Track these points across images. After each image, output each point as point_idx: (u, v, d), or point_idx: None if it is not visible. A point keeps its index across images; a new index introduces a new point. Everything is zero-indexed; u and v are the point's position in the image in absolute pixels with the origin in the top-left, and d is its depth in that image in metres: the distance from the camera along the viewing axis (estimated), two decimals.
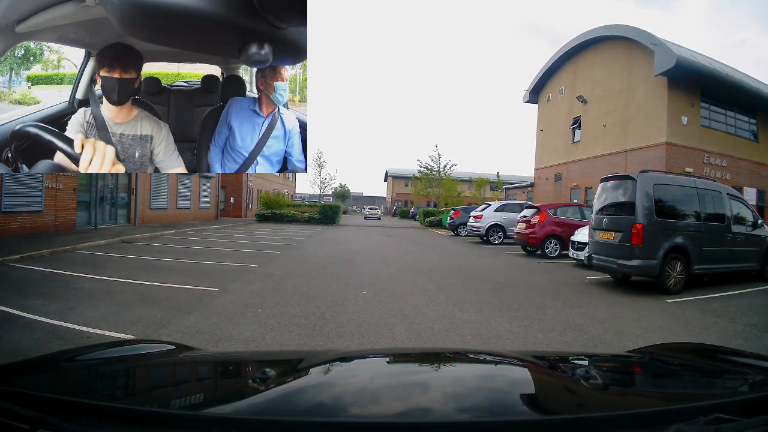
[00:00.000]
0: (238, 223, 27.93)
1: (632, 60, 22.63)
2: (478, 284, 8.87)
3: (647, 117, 21.43)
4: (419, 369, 1.69)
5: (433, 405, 1.21)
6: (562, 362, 1.80)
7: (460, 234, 23.98)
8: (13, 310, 5.44)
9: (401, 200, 74.23)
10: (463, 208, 25.49)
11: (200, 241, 15.56)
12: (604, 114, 24.48)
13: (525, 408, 1.23)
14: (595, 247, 9.10)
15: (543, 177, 31.33)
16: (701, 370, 1.68)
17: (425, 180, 40.92)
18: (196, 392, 1.41)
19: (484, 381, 1.46)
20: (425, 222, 34.89)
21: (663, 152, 20.30)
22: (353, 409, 1.15)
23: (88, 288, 7.03)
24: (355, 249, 15.59)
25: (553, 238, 14.21)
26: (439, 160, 40.07)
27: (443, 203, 39.78)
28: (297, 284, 8.11)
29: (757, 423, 1.01)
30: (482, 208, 20.40)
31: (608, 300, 7.64)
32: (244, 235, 19.81)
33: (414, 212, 51.45)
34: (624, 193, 8.54)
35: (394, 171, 79.66)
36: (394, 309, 6.44)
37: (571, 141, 27.88)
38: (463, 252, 15.93)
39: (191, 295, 6.77)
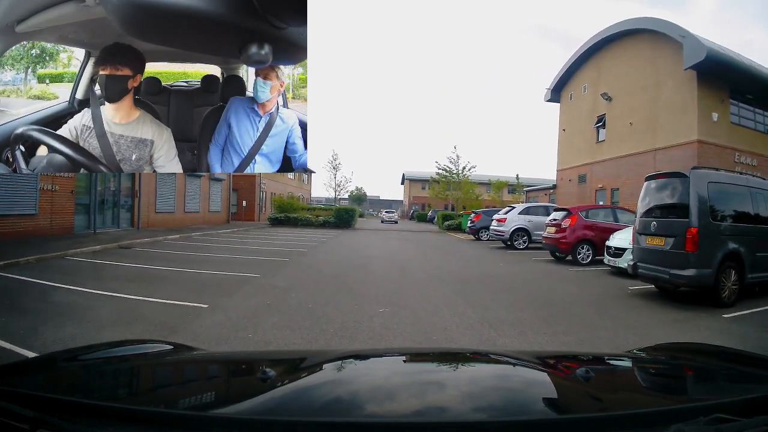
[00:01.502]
0: (250, 227, 27.48)
1: (658, 54, 21.96)
2: (511, 297, 7.96)
3: (676, 114, 20.74)
4: (433, 368, 1.70)
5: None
6: (562, 362, 1.78)
7: (481, 238, 23.30)
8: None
9: (418, 203, 73.88)
10: (484, 211, 24.84)
11: (203, 247, 14.88)
12: (630, 111, 23.76)
13: (527, 408, 1.23)
14: (641, 255, 8.20)
15: (566, 178, 30.66)
16: (701, 370, 1.70)
17: (443, 182, 40.24)
18: (197, 392, 1.41)
19: (482, 380, 1.49)
20: (444, 226, 34.41)
21: (694, 151, 19.54)
22: (355, 409, 1.16)
23: (63, 302, 6.44)
24: (370, 255, 14.91)
25: (585, 243, 13.22)
26: (457, 161, 39.55)
27: (461, 206, 39.26)
28: (302, 299, 7.23)
29: (757, 423, 1.01)
30: (505, 211, 19.60)
31: (662, 317, 6.78)
32: (253, 240, 19.17)
33: (432, 215, 51.26)
34: (673, 193, 7.75)
35: (411, 174, 79.13)
36: (419, 334, 5.55)
37: (596, 140, 27.18)
38: (487, 258, 15.11)
39: (175, 314, 6.02)
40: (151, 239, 15.69)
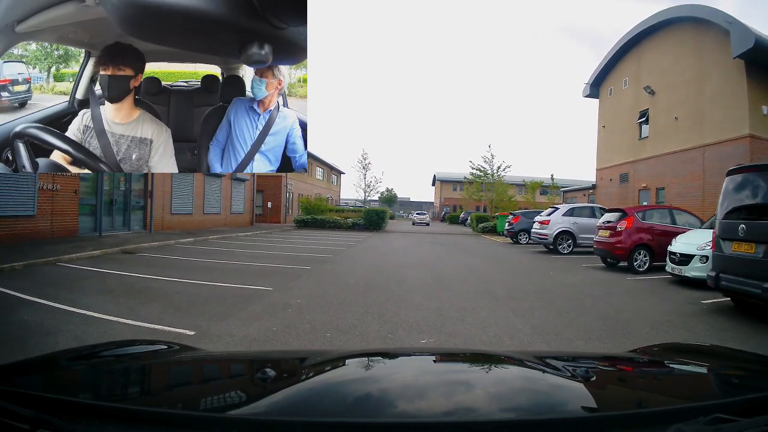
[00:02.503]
0: (274, 230, 26.89)
1: (703, 43, 21.06)
2: (582, 319, 6.65)
3: (725, 107, 19.74)
4: (436, 369, 1.71)
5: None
6: (562, 362, 1.74)
7: (520, 241, 22.57)
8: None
9: (449, 205, 73.79)
10: (523, 213, 23.94)
11: (217, 253, 13.91)
12: (674, 105, 22.81)
13: (528, 408, 1.22)
14: (724, 264, 7.04)
15: (606, 178, 29.78)
16: (701, 371, 1.71)
17: (477, 183, 39.64)
18: (198, 392, 1.43)
19: (480, 380, 1.51)
20: (478, 228, 33.86)
21: (746, 146, 18.56)
22: (355, 410, 1.15)
23: (25, 323, 5.54)
24: (404, 262, 13.71)
25: (642, 247, 12.02)
26: (492, 161, 38.81)
27: (493, 208, 38.83)
28: (319, 323, 5.88)
29: (757, 423, 1.02)
30: (548, 213, 18.63)
31: (758, 340, 5.76)
32: (276, 244, 18.28)
33: (464, 217, 51.12)
34: (761, 191, 6.69)
35: (443, 175, 79.23)
36: None
37: (638, 137, 26.23)
38: (533, 266, 13.84)
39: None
40: (161, 243, 15.01)
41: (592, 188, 32.78)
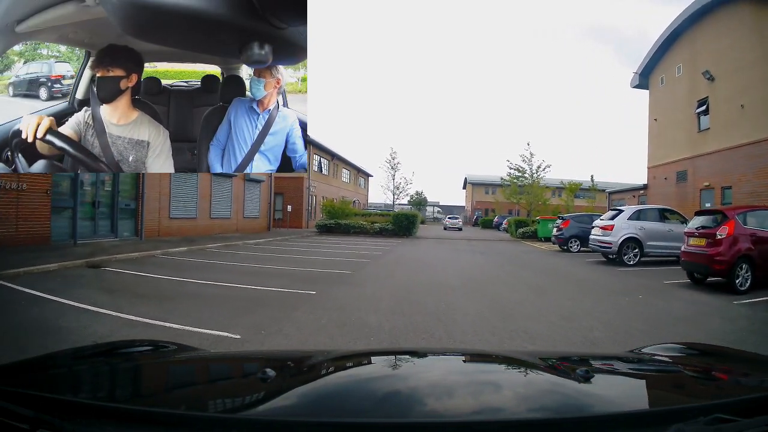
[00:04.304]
0: (293, 236, 25.49)
1: (764, 20, 19.77)
2: None
3: None
4: (439, 369, 1.74)
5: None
6: (562, 362, 1.83)
7: (570, 249, 21.05)
8: None
9: (481, 209, 72.85)
10: (573, 217, 22.26)
11: (209, 266, 11.91)
12: (739, 92, 21.39)
13: (528, 408, 1.26)
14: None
15: (660, 176, 28.51)
16: (701, 370, 1.74)
17: (515, 185, 38.16)
18: (198, 392, 1.47)
19: (477, 379, 1.55)
20: (517, 233, 32.66)
21: None
22: (356, 410, 1.19)
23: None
24: (444, 281, 10.77)
25: (744, 260, 9.56)
26: (531, 160, 37.26)
27: (526, 211, 38.07)
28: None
29: (757, 423, 1.05)
30: (610, 216, 16.59)
31: None
32: (289, 254, 16.33)
33: (498, 222, 50.53)
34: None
35: (474, 178, 78.81)
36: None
37: (697, 129, 24.82)
38: (609, 285, 11.04)
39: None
40: (143, 254, 13.18)
41: (642, 189, 31.39)
